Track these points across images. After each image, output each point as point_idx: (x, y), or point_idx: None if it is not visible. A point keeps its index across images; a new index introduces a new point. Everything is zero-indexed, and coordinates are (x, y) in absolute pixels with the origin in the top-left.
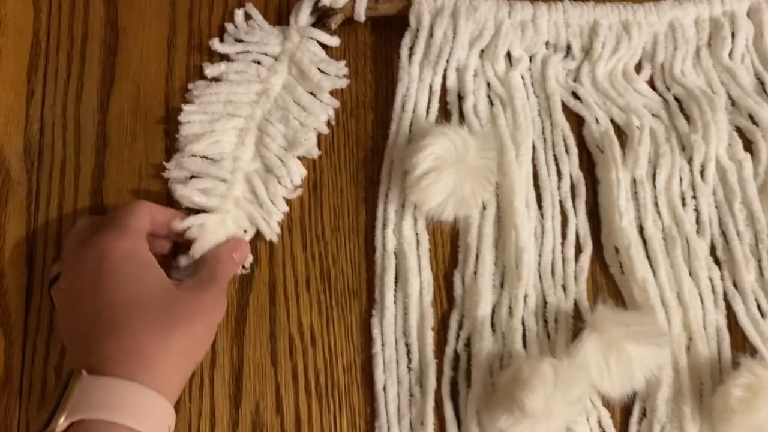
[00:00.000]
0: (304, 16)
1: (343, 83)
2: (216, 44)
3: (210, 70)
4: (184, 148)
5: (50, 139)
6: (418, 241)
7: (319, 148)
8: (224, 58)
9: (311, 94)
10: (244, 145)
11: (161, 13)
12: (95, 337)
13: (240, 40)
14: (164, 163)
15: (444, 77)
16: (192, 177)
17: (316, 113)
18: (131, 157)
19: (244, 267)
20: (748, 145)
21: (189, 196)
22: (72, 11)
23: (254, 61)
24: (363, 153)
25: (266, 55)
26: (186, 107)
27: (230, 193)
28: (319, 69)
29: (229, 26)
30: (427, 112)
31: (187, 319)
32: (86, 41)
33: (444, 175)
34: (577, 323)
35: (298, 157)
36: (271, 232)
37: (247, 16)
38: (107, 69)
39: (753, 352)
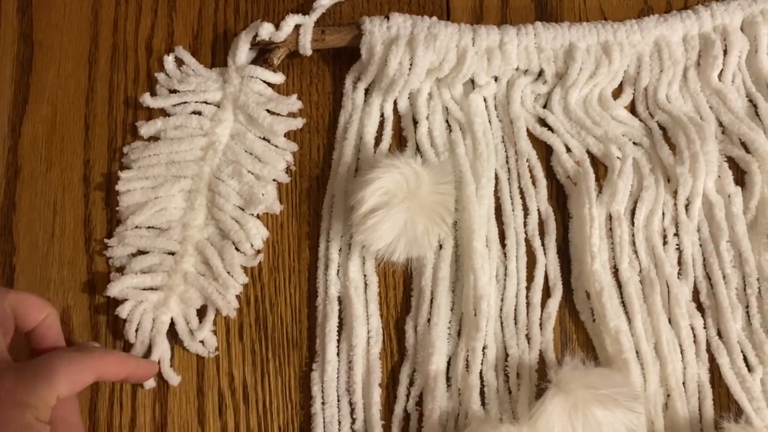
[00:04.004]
0: (242, 53)
1: (299, 123)
2: (147, 99)
3: (145, 129)
4: (126, 220)
5: None
6: (366, 284)
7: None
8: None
9: (264, 139)
10: (194, 209)
11: (82, 24)
12: None
13: (174, 90)
14: (105, 240)
15: (395, 102)
16: (138, 253)
17: (273, 161)
18: (46, 188)
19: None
20: (739, 177)
21: (126, 291)
22: None
23: (194, 112)
24: (307, 182)
25: (206, 103)
26: (123, 174)
27: (179, 267)
28: (268, 110)
29: (160, 76)
30: (379, 140)
31: None
32: None
33: (393, 212)
34: (542, 381)
35: (258, 216)
36: (229, 307)
37: (179, 61)
38: (20, 89)
39: (738, 411)
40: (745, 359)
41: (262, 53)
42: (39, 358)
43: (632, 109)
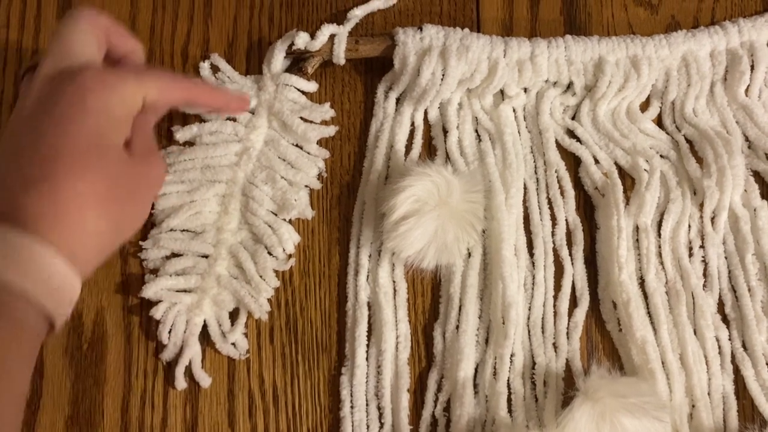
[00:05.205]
0: (277, 61)
1: (331, 131)
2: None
3: (181, 134)
4: (161, 223)
5: None
6: (395, 290)
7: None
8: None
9: (297, 146)
10: (228, 214)
11: None
12: (24, 178)
13: None
14: (140, 242)
15: (425, 111)
16: (172, 255)
17: (305, 168)
18: None
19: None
20: (765, 192)
21: (161, 293)
22: (21, 26)
23: (229, 118)
24: (338, 189)
25: None
26: None
27: (212, 270)
28: (301, 118)
29: None
30: (409, 148)
31: (132, 194)
32: None
33: (424, 219)
34: (569, 389)
35: (290, 221)
36: (261, 310)
37: (214, 68)
38: None
39: (762, 422)
40: None
41: (296, 62)
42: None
43: (659, 122)
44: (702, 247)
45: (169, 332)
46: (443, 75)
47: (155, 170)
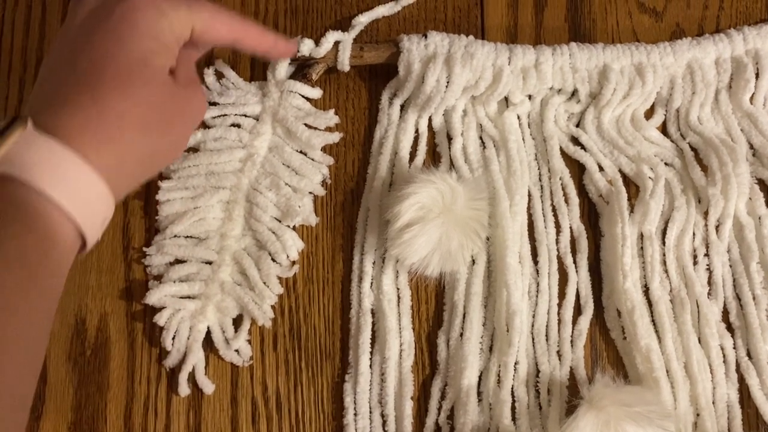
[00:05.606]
0: (282, 68)
1: (335, 137)
2: None
3: None
4: (165, 230)
5: None
6: (399, 298)
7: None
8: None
9: (301, 153)
10: (232, 220)
11: None
12: (66, 91)
13: (214, 103)
14: (144, 248)
15: (430, 118)
16: (176, 262)
17: (309, 175)
18: None
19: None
20: None
21: (164, 299)
22: (26, 32)
23: (233, 125)
24: (342, 195)
25: (246, 116)
26: (164, 184)
27: (216, 277)
28: (306, 124)
29: None
30: (413, 155)
31: (172, 122)
32: None
33: (429, 227)
34: (573, 398)
35: (294, 228)
36: (264, 317)
37: (219, 75)
38: None
39: (767, 431)
40: None
41: (301, 68)
42: None
43: (664, 130)
44: (707, 255)
45: (173, 339)
46: (448, 82)
47: (197, 101)
